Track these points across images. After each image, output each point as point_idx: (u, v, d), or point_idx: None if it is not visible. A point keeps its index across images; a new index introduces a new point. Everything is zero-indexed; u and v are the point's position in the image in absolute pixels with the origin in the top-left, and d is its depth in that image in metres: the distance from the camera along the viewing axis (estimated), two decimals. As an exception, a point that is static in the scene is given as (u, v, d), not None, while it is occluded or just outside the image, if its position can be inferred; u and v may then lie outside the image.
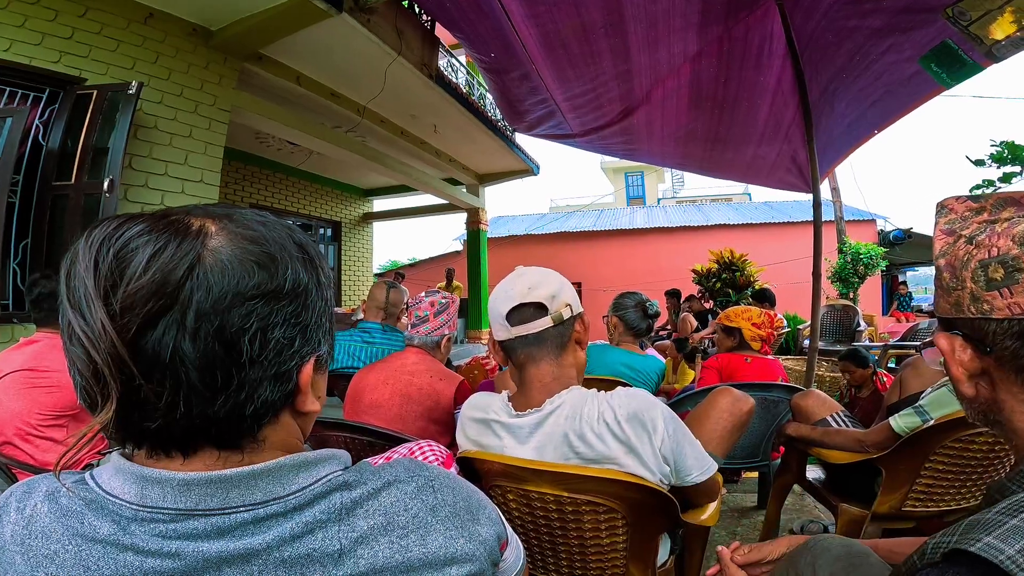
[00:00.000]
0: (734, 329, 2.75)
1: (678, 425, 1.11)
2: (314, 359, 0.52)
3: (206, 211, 0.49)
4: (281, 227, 0.52)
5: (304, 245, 0.53)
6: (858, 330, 6.29)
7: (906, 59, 2.74)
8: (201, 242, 0.45)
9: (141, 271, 0.42)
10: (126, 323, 0.41)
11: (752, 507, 2.88)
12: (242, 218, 0.50)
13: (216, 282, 0.44)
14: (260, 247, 0.47)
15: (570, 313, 1.14)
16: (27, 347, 1.75)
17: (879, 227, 12.48)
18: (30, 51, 3.28)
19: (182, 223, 0.46)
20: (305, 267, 0.51)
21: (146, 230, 0.44)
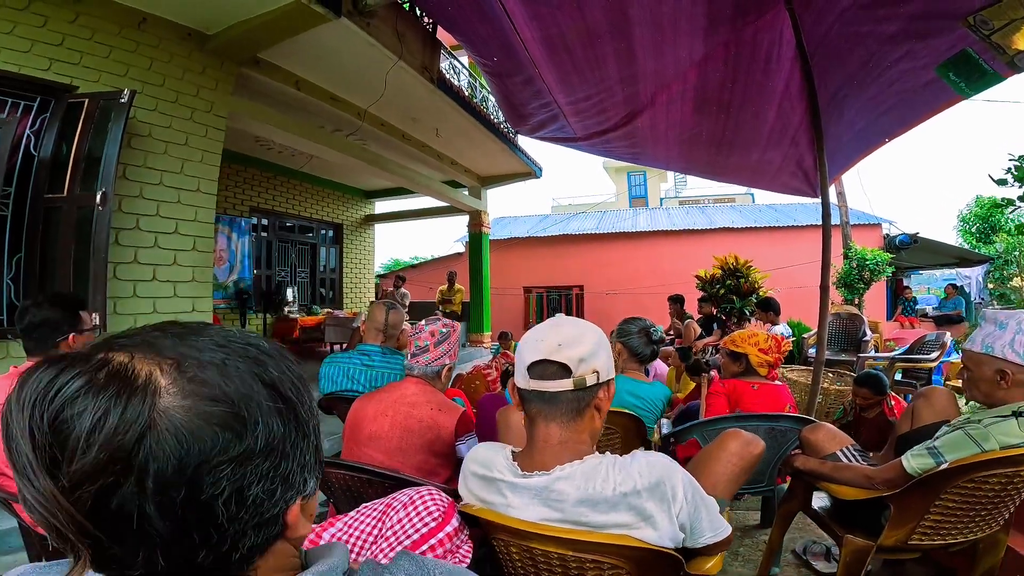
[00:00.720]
0: (740, 355, 2.65)
1: (696, 490, 1.07)
2: (301, 498, 0.49)
3: (153, 349, 0.43)
4: (246, 368, 0.45)
5: (276, 385, 0.47)
6: (864, 340, 6.19)
7: (922, 67, 2.66)
8: (151, 403, 0.40)
9: (84, 446, 0.37)
10: (79, 496, 0.38)
11: (755, 525, 2.85)
12: (197, 363, 0.43)
13: (173, 451, 0.39)
14: (222, 406, 0.42)
15: (595, 380, 1.07)
16: (16, 378, 1.68)
17: (885, 231, 12.37)
18: (19, 59, 3.19)
19: (125, 375, 0.40)
20: (280, 416, 0.46)
21: (84, 389, 0.39)
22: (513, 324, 14.14)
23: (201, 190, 4.08)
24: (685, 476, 1.05)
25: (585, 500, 1.01)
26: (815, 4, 2.71)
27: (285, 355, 0.50)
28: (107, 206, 3.19)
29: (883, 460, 2.16)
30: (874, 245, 10.45)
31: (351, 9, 4.00)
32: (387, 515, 1.10)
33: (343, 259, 10.56)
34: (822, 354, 3.64)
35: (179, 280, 3.93)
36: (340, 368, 2.46)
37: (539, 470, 1.06)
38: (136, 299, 3.66)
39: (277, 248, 9.16)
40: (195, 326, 0.48)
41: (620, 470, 1.02)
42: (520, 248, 15.21)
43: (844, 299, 9.06)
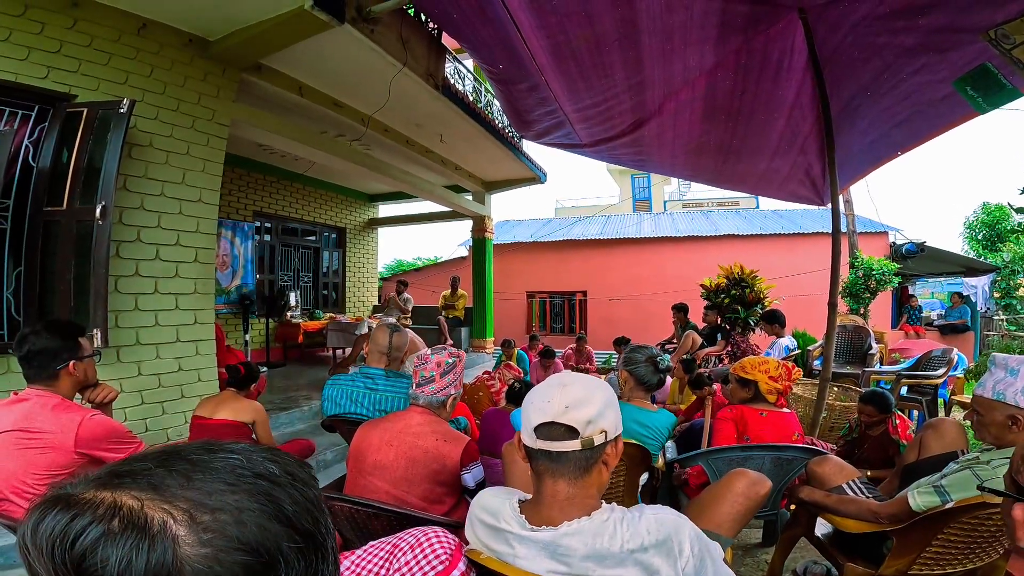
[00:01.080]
0: (750, 381, 2.63)
1: (702, 543, 1.08)
2: None
3: (160, 494, 0.41)
4: (260, 510, 0.43)
5: (293, 520, 0.45)
6: (869, 353, 6.11)
7: (939, 80, 2.62)
8: (172, 552, 0.38)
9: None
10: None
11: (756, 544, 2.86)
12: (210, 511, 0.41)
13: None
14: (243, 555, 0.41)
15: (603, 439, 1.09)
16: (16, 405, 1.71)
17: (891, 239, 12.29)
18: (16, 67, 3.12)
19: (139, 523, 0.39)
20: (300, 552, 0.44)
21: (101, 539, 0.38)
22: (516, 329, 14.12)
23: (203, 200, 4.03)
24: (692, 530, 1.07)
25: (592, 556, 1.02)
26: (829, 14, 2.67)
27: (298, 477, 0.49)
28: (107, 220, 3.13)
29: (887, 489, 2.17)
30: (880, 253, 10.38)
31: (355, 16, 3.95)
32: (394, 555, 1.10)
33: (346, 263, 10.52)
34: (828, 372, 3.59)
35: (181, 292, 3.88)
36: (343, 391, 2.44)
37: (546, 524, 1.07)
38: (138, 312, 3.61)
39: (280, 252, 9.12)
40: (200, 460, 0.45)
41: (628, 526, 1.04)
42: (523, 253, 15.17)
43: (850, 309, 9.00)
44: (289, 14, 3.57)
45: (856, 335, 6.62)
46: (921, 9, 2.29)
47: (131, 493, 0.41)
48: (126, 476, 0.43)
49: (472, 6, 2.85)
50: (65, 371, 1.76)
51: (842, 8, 2.57)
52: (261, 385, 4.12)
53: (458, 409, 3.39)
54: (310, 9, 3.48)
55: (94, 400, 1.93)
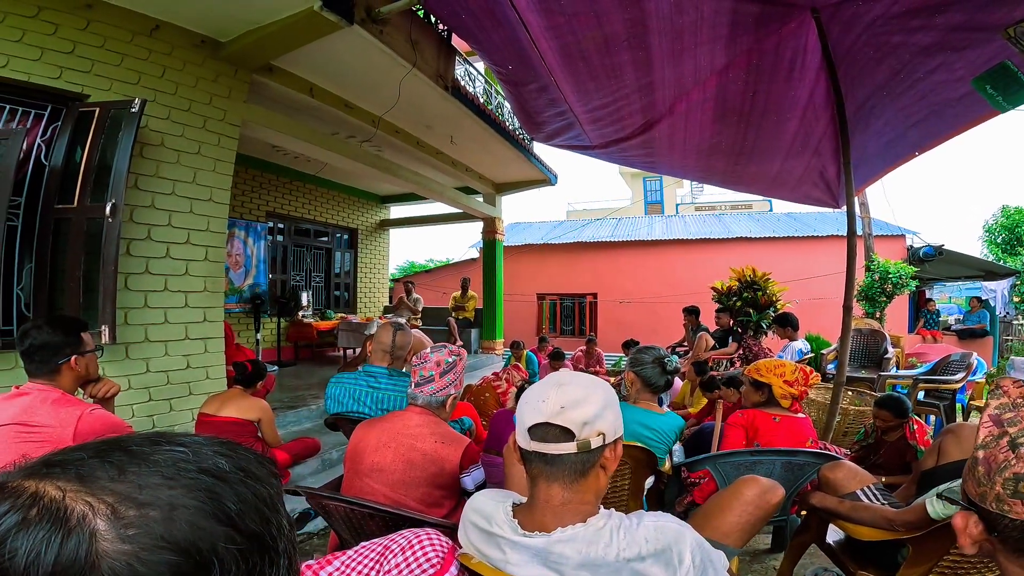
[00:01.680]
0: (763, 384, 2.57)
1: (704, 552, 1.03)
2: None
3: (86, 485, 0.39)
4: (197, 507, 0.40)
5: (235, 520, 0.41)
6: (885, 357, 6.00)
7: (957, 79, 2.56)
8: (87, 547, 0.36)
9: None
10: None
11: (765, 550, 2.80)
12: (136, 506, 0.39)
13: None
14: (168, 555, 0.38)
15: (601, 442, 1.03)
16: (17, 399, 1.70)
17: (908, 242, 12.08)
18: (28, 67, 3.15)
19: (56, 514, 0.37)
20: (240, 554, 0.41)
21: (14, 528, 0.36)
22: (526, 331, 14.09)
23: (214, 199, 4.06)
24: (694, 539, 1.02)
25: (586, 564, 0.97)
26: (842, 14, 2.62)
27: (250, 474, 0.45)
28: (117, 218, 3.16)
29: (904, 496, 2.11)
30: (897, 257, 10.21)
31: (364, 17, 3.97)
32: (385, 557, 1.07)
33: (358, 264, 10.57)
34: (842, 376, 3.53)
35: (190, 290, 3.90)
36: (346, 389, 2.42)
37: (539, 530, 1.03)
38: (147, 310, 3.63)
39: (292, 252, 9.19)
40: (141, 451, 0.43)
41: (625, 534, 0.99)
42: (534, 254, 15.14)
43: (865, 312, 8.86)
44: (299, 15, 3.59)
45: (872, 339, 6.52)
46: (937, 7, 2.24)
47: (56, 483, 0.39)
48: (57, 466, 0.41)
49: (481, 7, 2.84)
50: (67, 366, 1.76)
51: (856, 7, 2.52)
52: (269, 383, 4.14)
53: (463, 410, 3.38)
54: (319, 10, 3.50)
55: (96, 395, 1.93)
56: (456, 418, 3.04)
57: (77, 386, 1.85)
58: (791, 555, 2.29)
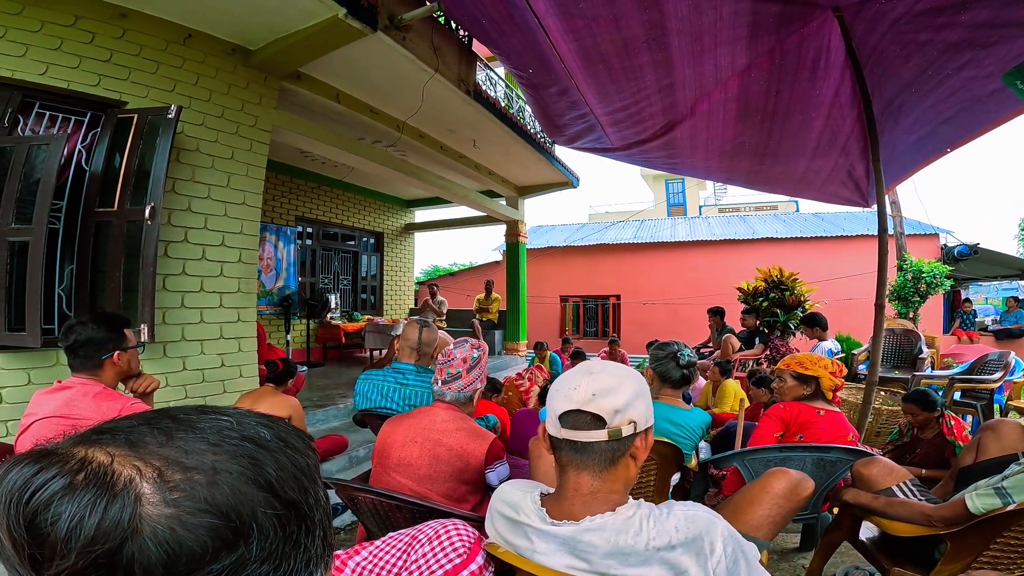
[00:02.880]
0: (811, 377, 2.48)
1: (736, 543, 1.00)
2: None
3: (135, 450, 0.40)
4: (239, 472, 0.41)
5: (274, 487, 0.43)
6: (920, 357, 5.86)
7: (986, 75, 2.52)
8: (131, 511, 0.37)
9: (62, 550, 0.36)
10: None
11: (794, 549, 2.74)
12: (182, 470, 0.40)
13: (158, 559, 0.36)
14: (211, 518, 0.39)
15: (632, 431, 1.02)
16: (59, 392, 1.74)
17: (942, 242, 11.75)
18: (67, 74, 3.28)
19: (103, 479, 0.38)
20: (278, 520, 0.42)
21: (59, 494, 0.37)
22: (549, 333, 14.09)
23: (247, 203, 4.19)
24: (726, 529, 1.00)
25: (615, 553, 0.96)
26: (865, 13, 2.60)
27: (290, 443, 0.47)
28: (156, 220, 3.29)
29: (941, 493, 2.07)
30: (931, 256, 9.94)
31: (387, 24, 4.07)
32: (413, 547, 1.10)
33: (384, 267, 10.72)
34: (875, 374, 3.46)
35: (225, 291, 4.04)
36: (374, 385, 2.47)
37: (568, 519, 1.02)
38: (184, 310, 3.78)
39: (321, 256, 9.37)
40: (187, 419, 0.44)
41: (655, 523, 0.98)
42: (557, 257, 15.15)
43: (898, 313, 8.65)
44: (325, 23, 3.70)
45: (905, 339, 6.38)
46: (961, 5, 2.21)
47: (105, 449, 0.40)
48: (107, 432, 0.42)
49: (501, 13, 2.89)
50: (109, 361, 1.81)
51: (879, 6, 2.49)
52: (300, 383, 4.25)
53: (489, 408, 3.43)
54: (344, 18, 3.61)
55: (136, 390, 1.97)
56: (481, 415, 3.08)
57: (119, 381, 1.89)
58: (822, 553, 2.24)
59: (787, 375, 2.54)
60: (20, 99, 3.23)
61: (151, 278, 3.28)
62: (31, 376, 3.12)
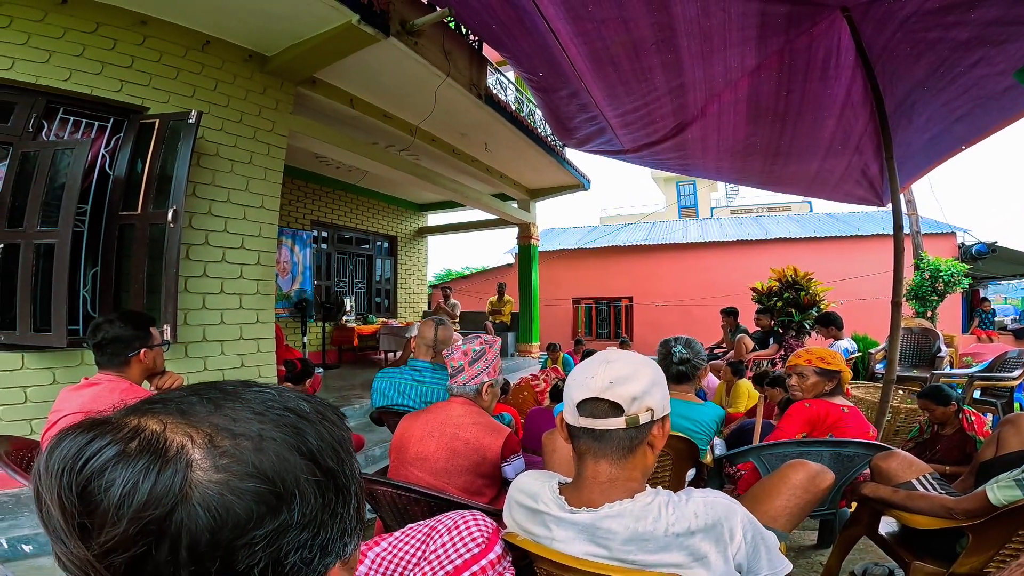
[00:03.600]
0: (835, 372, 2.39)
1: (756, 529, 1.01)
2: (340, 562, 0.47)
3: (186, 418, 0.42)
4: (283, 440, 0.43)
5: (315, 456, 0.44)
6: (939, 355, 5.79)
7: (998, 72, 2.52)
8: (182, 477, 0.38)
9: (113, 517, 0.36)
10: (112, 562, 0.37)
11: (811, 546, 2.70)
12: (231, 436, 0.41)
13: (206, 525, 0.37)
14: (257, 483, 0.40)
15: (649, 418, 1.03)
16: (87, 389, 1.78)
17: (960, 240, 11.58)
18: (90, 80, 3.39)
19: (156, 446, 0.39)
20: (318, 487, 0.44)
21: (113, 460, 0.38)
22: (562, 335, 14.09)
23: (265, 206, 4.29)
24: (745, 516, 1.00)
25: (634, 539, 0.97)
26: (874, 12, 2.60)
27: (327, 417, 0.48)
28: (178, 223, 3.38)
29: (962, 488, 2.04)
30: (948, 255, 9.81)
31: (399, 29, 4.15)
32: (431, 538, 1.11)
33: (397, 270, 10.83)
34: (892, 372, 3.44)
35: (245, 293, 4.14)
36: (391, 383, 2.51)
37: (587, 506, 1.03)
38: (205, 311, 3.87)
39: (336, 259, 9.49)
40: (233, 390, 0.46)
41: (674, 509, 0.98)
42: (569, 259, 15.15)
43: (916, 312, 8.55)
44: (338, 28, 3.79)
45: (923, 338, 6.30)
46: (970, 3, 2.20)
47: (158, 417, 0.41)
48: (159, 403, 0.43)
49: (510, 17, 2.92)
50: (136, 359, 1.84)
51: (887, 5, 2.49)
52: (316, 383, 4.32)
53: (502, 408, 3.46)
54: (357, 24, 3.71)
55: (161, 387, 1.99)
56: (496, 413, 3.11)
57: (144, 378, 1.93)
58: (840, 549, 2.20)
59: (809, 371, 2.45)
60: (44, 105, 3.34)
61: (174, 280, 3.37)
62: (56, 375, 3.23)
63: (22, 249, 3.14)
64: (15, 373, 3.12)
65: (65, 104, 3.42)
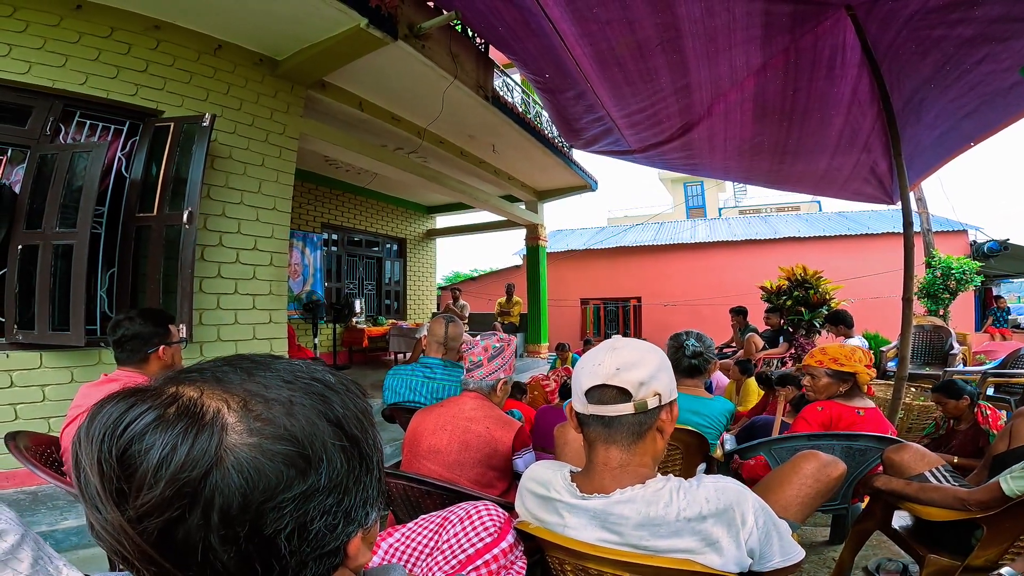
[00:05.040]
0: (848, 374, 2.30)
1: (768, 515, 1.01)
2: (362, 530, 0.49)
3: (221, 385, 0.44)
4: (311, 406, 0.45)
5: (341, 423, 0.46)
6: (951, 353, 5.75)
7: (1004, 69, 2.52)
8: (218, 440, 0.40)
9: (151, 480, 0.38)
10: (146, 527, 0.38)
11: (823, 542, 2.68)
12: (264, 401, 0.44)
13: (238, 487, 0.39)
14: (287, 445, 0.42)
15: (657, 403, 1.04)
16: (106, 385, 1.81)
17: (971, 238, 11.48)
18: (106, 84, 3.46)
19: (194, 411, 0.41)
20: (344, 453, 0.46)
21: (152, 424, 0.40)
22: (571, 335, 14.08)
23: (277, 208, 4.36)
24: (756, 501, 1.01)
25: (646, 524, 0.98)
26: (878, 10, 2.61)
27: (351, 389, 0.50)
28: (193, 224, 3.44)
29: (976, 479, 2.03)
30: (960, 253, 9.73)
31: (407, 33, 4.20)
32: (444, 528, 1.13)
33: (407, 272, 10.90)
34: (904, 369, 3.42)
35: (258, 293, 4.20)
36: (403, 380, 2.53)
37: (598, 492, 1.04)
38: (219, 311, 3.94)
39: (346, 262, 9.57)
40: (263, 360, 0.48)
41: (685, 494, 0.99)
42: (577, 260, 15.16)
43: (928, 310, 8.49)
44: (347, 32, 3.85)
45: (936, 335, 6.27)
46: (974, 0, 2.21)
47: (195, 385, 0.43)
48: (195, 371, 0.45)
49: (516, 19, 2.96)
50: (155, 355, 1.87)
51: (891, 3, 2.50)
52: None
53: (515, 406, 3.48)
54: (366, 28, 3.76)
55: None
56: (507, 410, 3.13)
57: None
58: (852, 543, 2.17)
59: (820, 372, 2.36)
60: (61, 108, 3.40)
61: (189, 280, 3.43)
62: (74, 374, 3.29)
63: (41, 250, 3.20)
64: (34, 372, 3.18)
65: (82, 107, 3.49)
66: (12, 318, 3.20)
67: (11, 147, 3.35)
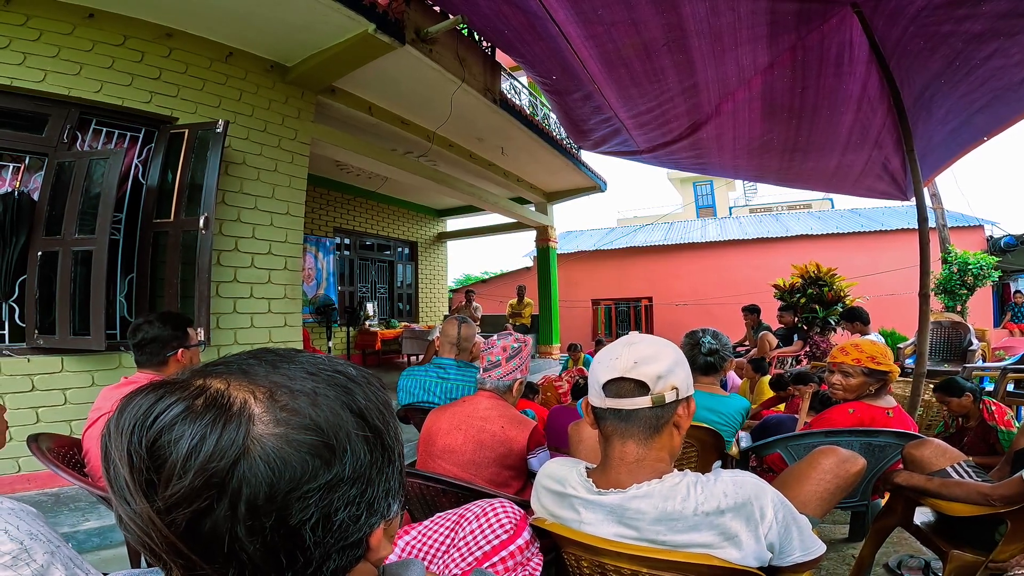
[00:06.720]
0: (884, 373, 2.18)
1: (787, 509, 1.01)
2: (384, 522, 0.50)
3: (248, 377, 0.45)
4: (335, 397, 0.46)
5: (364, 414, 0.47)
6: (970, 349, 5.66)
7: (1015, 64, 2.50)
8: (245, 430, 0.40)
9: (180, 471, 0.39)
10: (174, 519, 0.39)
11: (842, 539, 2.63)
12: (289, 392, 0.44)
13: (265, 478, 0.40)
14: (312, 435, 0.43)
15: (675, 397, 1.04)
16: (126, 388, 1.83)
17: (988, 233, 11.30)
18: (121, 92, 3.52)
19: (222, 402, 0.42)
20: (367, 443, 0.46)
21: (182, 416, 0.40)
22: (582, 336, 14.07)
23: (290, 213, 4.42)
24: (775, 495, 1.00)
25: (663, 519, 0.98)
26: (884, 7, 2.59)
27: (372, 382, 0.51)
28: (209, 230, 3.49)
29: (999, 476, 1.99)
30: (976, 248, 9.60)
31: (414, 37, 4.26)
32: (460, 525, 1.13)
33: (418, 275, 10.99)
34: (922, 366, 3.38)
35: (273, 297, 4.27)
36: (417, 381, 2.55)
37: (614, 487, 1.04)
38: (236, 315, 4.00)
39: (358, 265, 9.67)
40: (287, 353, 0.49)
41: (702, 489, 0.99)
42: (587, 261, 15.14)
43: (945, 306, 8.38)
44: (356, 38, 3.91)
45: (954, 331, 6.16)
46: (980, -4, 2.20)
47: (222, 377, 0.44)
48: (222, 364, 0.46)
49: (522, 22, 2.97)
50: (174, 358, 1.90)
51: (896, 1, 2.48)
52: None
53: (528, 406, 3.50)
54: (374, 33, 3.82)
55: None
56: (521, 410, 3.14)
57: None
58: (873, 540, 2.12)
59: (856, 370, 2.20)
60: (78, 116, 3.47)
61: (206, 284, 3.48)
62: (95, 378, 3.35)
63: (60, 256, 3.26)
64: (55, 376, 3.25)
65: (98, 115, 3.55)
66: (33, 323, 3.26)
67: (29, 155, 3.41)
